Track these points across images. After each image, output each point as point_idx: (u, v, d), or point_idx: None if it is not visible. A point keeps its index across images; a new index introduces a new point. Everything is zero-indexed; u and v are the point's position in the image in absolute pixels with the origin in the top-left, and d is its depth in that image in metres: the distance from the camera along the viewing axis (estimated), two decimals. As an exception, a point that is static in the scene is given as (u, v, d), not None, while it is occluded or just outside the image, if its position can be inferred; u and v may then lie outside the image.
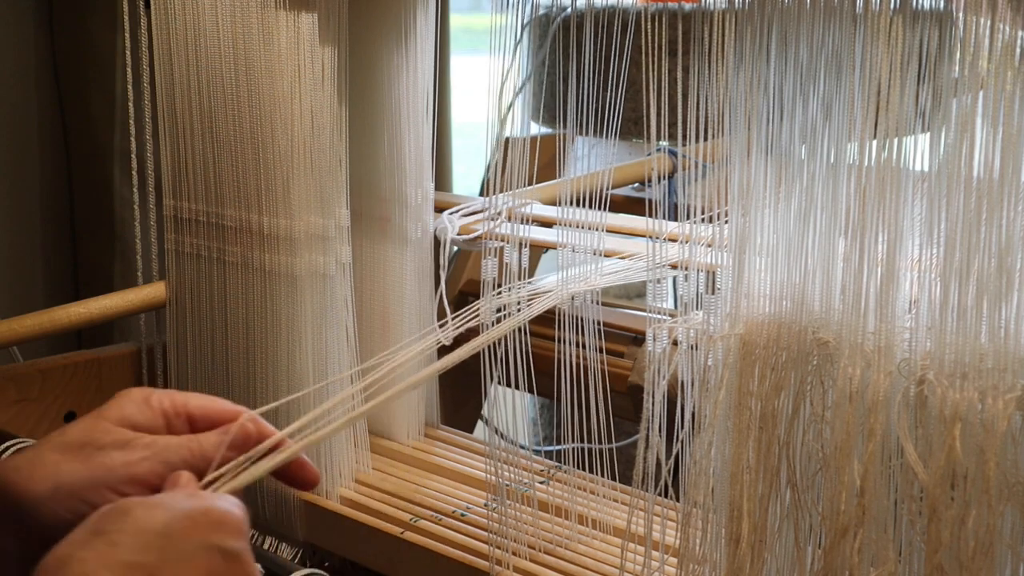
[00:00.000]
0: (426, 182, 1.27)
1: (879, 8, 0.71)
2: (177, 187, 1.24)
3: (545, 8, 1.69)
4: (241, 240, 1.19)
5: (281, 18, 1.13)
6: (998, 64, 0.67)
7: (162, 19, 1.20)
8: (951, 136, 0.69)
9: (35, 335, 1.22)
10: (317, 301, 1.19)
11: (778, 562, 0.80)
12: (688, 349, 0.86)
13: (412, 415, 1.33)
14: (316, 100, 1.15)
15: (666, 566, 0.92)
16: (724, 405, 0.82)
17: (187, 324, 1.26)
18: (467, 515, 1.15)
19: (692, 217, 0.87)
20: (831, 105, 0.75)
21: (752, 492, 0.80)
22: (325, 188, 1.17)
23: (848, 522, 0.73)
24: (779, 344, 0.79)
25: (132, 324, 1.37)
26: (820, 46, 0.75)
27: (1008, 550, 0.69)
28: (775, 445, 0.79)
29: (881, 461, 0.73)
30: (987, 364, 0.68)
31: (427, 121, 1.25)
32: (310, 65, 1.14)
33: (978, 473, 0.68)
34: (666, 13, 0.84)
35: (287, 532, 1.23)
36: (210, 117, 1.19)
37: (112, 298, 1.29)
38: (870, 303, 0.74)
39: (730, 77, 0.79)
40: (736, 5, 0.78)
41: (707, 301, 0.85)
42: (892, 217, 0.73)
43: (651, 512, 0.90)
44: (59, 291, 1.83)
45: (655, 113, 0.84)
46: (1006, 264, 0.68)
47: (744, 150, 0.80)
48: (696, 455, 0.83)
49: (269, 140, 1.15)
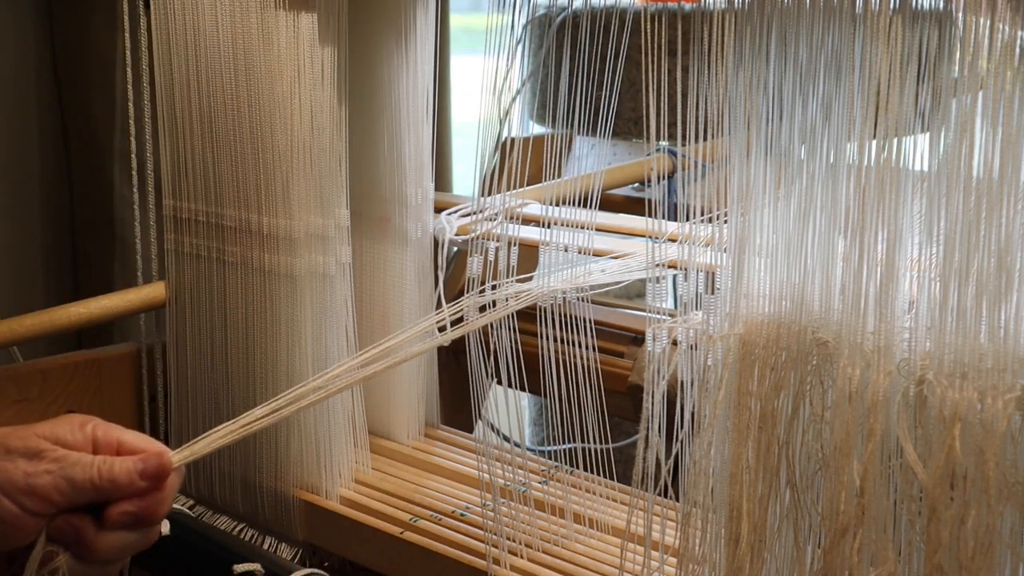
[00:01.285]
0: (426, 182, 1.27)
1: (879, 8, 0.71)
2: (177, 187, 1.24)
3: (544, 8, 1.69)
4: (241, 240, 1.19)
5: (281, 18, 1.13)
6: (998, 64, 0.67)
7: (162, 19, 1.20)
8: (951, 136, 0.69)
9: (35, 335, 1.22)
10: (317, 301, 1.19)
11: (778, 562, 0.80)
12: (688, 349, 0.86)
13: (412, 415, 1.33)
14: (316, 100, 1.15)
15: (665, 566, 0.92)
16: (724, 405, 0.82)
17: (187, 324, 1.26)
18: (467, 515, 1.15)
19: (692, 217, 0.87)
20: (831, 105, 0.75)
21: (751, 492, 0.80)
22: (325, 188, 1.17)
23: (848, 522, 0.73)
24: (779, 344, 0.79)
25: (132, 324, 1.37)
26: (820, 46, 0.75)
27: (1008, 550, 0.69)
28: (775, 445, 0.79)
29: (880, 461, 0.73)
30: (987, 364, 0.68)
31: (427, 121, 1.25)
32: (310, 65, 1.14)
33: (977, 473, 0.68)
34: (666, 13, 0.84)
35: (287, 532, 1.23)
36: (210, 117, 1.19)
37: (112, 298, 1.29)
38: (869, 303, 0.74)
39: (730, 77, 0.79)
40: (736, 5, 0.78)
41: (707, 301, 0.85)
42: (891, 217, 0.73)
43: (651, 512, 0.90)
44: (59, 291, 1.83)
45: (655, 113, 0.84)
46: (1005, 264, 0.68)
47: (744, 150, 0.80)
48: (696, 455, 0.83)
49: (269, 140, 1.15)
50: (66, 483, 0.74)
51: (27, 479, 0.74)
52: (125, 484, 0.76)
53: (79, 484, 0.75)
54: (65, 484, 0.74)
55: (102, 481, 0.75)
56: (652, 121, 0.84)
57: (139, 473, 0.76)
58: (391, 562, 1.14)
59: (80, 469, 0.75)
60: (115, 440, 0.79)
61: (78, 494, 0.76)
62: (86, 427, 0.78)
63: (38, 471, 0.74)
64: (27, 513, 0.75)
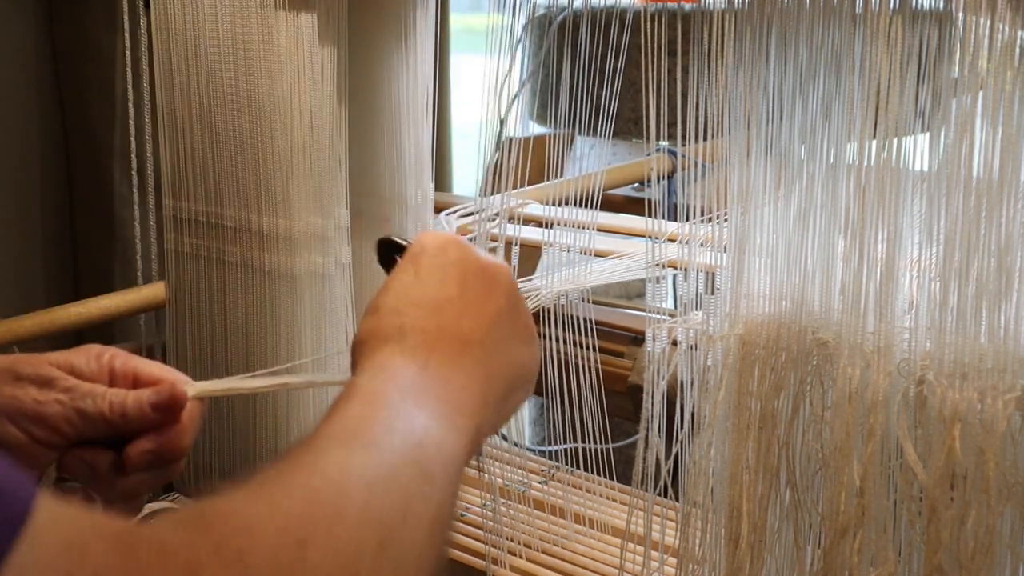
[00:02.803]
0: (426, 182, 1.27)
1: (879, 8, 0.71)
2: (177, 187, 1.24)
3: (544, 8, 1.69)
4: (241, 240, 1.19)
5: (281, 18, 1.13)
6: (998, 64, 0.67)
7: (162, 19, 1.20)
8: (951, 136, 0.69)
9: (35, 335, 1.22)
10: (316, 301, 1.19)
11: (777, 562, 0.80)
12: (688, 349, 0.86)
13: (412, 415, 1.33)
14: (316, 100, 1.15)
15: (665, 566, 0.92)
16: (724, 405, 0.81)
17: (187, 324, 1.26)
18: (466, 515, 1.15)
19: (692, 217, 0.87)
20: (831, 105, 0.75)
21: (751, 492, 0.80)
22: (325, 188, 1.17)
23: (848, 522, 0.73)
24: (779, 344, 0.79)
25: (132, 324, 1.37)
26: (820, 46, 0.75)
27: (1007, 550, 0.69)
28: (775, 445, 0.79)
29: (881, 461, 0.73)
30: (986, 364, 0.68)
31: (427, 121, 1.25)
32: (310, 65, 1.14)
33: (977, 473, 0.68)
34: (666, 13, 0.84)
35: (287, 532, 1.23)
36: (210, 117, 1.19)
37: (112, 298, 1.29)
38: (869, 303, 0.74)
39: (730, 77, 0.79)
40: (736, 5, 0.78)
41: (707, 301, 0.85)
42: (891, 217, 0.73)
43: (651, 512, 0.90)
44: (59, 291, 1.82)
45: (655, 113, 0.84)
46: (1005, 264, 0.68)
47: (744, 150, 0.79)
48: (696, 455, 0.83)
49: (269, 140, 1.15)
50: (76, 414, 0.72)
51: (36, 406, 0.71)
52: (137, 417, 0.72)
53: (90, 416, 0.72)
54: (75, 415, 0.72)
55: (113, 415, 0.72)
56: (652, 121, 0.84)
57: (151, 405, 0.73)
58: (391, 562, 1.14)
59: (91, 401, 0.72)
60: (132, 368, 0.75)
61: (88, 426, 0.72)
62: (103, 357, 0.75)
63: (48, 399, 0.71)
64: (35, 442, 0.72)
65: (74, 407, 0.72)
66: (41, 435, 0.71)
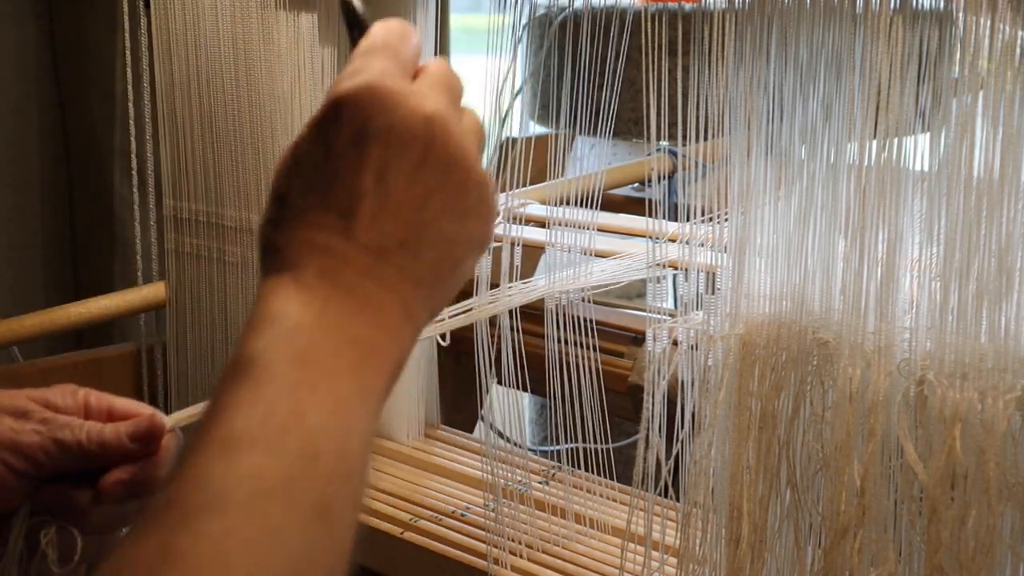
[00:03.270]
0: (426, 182, 1.27)
1: (879, 8, 0.71)
2: (177, 187, 1.24)
3: (544, 8, 1.69)
4: (241, 240, 1.19)
5: (281, 18, 1.13)
6: (998, 64, 0.67)
7: (162, 19, 1.20)
8: (951, 136, 0.69)
9: (35, 335, 1.22)
10: (317, 301, 1.18)
11: (778, 562, 0.80)
12: (688, 349, 0.86)
13: (412, 415, 1.33)
14: (316, 100, 1.15)
15: (666, 566, 0.92)
16: (724, 405, 0.81)
17: (187, 324, 1.26)
18: (467, 515, 1.15)
19: (692, 217, 0.87)
20: (831, 105, 0.75)
21: (752, 492, 0.80)
22: (325, 188, 1.17)
23: (848, 522, 0.73)
24: (779, 344, 0.79)
25: (132, 324, 1.37)
26: (820, 46, 0.75)
27: (1008, 550, 0.69)
28: (775, 445, 0.79)
29: (881, 461, 0.73)
30: (987, 364, 0.68)
31: (427, 121, 1.25)
32: (310, 65, 1.14)
33: (978, 473, 0.68)
34: (666, 13, 0.83)
35: (287, 532, 1.23)
36: (210, 117, 1.19)
37: (112, 298, 1.29)
38: (870, 303, 0.74)
39: (730, 77, 0.79)
40: (736, 5, 0.78)
41: (707, 301, 0.85)
42: (892, 217, 0.73)
43: (651, 512, 0.90)
44: (59, 291, 1.83)
45: (655, 113, 0.84)
46: (1006, 264, 0.68)
47: (744, 150, 0.79)
48: (696, 455, 0.83)
49: (269, 140, 1.15)
50: (53, 444, 0.71)
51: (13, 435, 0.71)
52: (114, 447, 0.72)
53: (67, 446, 0.72)
54: (52, 445, 0.71)
55: (90, 444, 0.72)
56: (652, 121, 0.84)
57: (130, 435, 0.73)
58: (391, 562, 1.14)
59: (68, 431, 0.72)
60: (106, 403, 0.76)
61: (65, 456, 0.72)
62: (78, 393, 0.75)
63: (25, 429, 0.71)
64: (11, 472, 0.72)
65: (51, 437, 0.72)
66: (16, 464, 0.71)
